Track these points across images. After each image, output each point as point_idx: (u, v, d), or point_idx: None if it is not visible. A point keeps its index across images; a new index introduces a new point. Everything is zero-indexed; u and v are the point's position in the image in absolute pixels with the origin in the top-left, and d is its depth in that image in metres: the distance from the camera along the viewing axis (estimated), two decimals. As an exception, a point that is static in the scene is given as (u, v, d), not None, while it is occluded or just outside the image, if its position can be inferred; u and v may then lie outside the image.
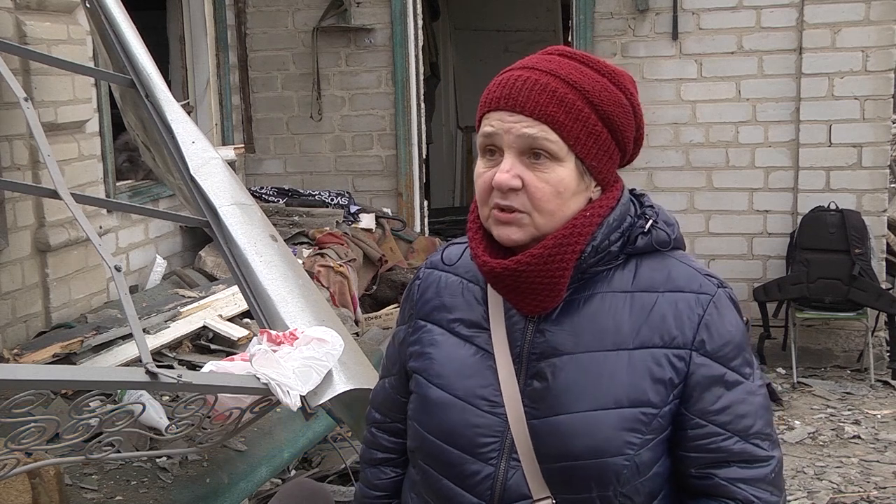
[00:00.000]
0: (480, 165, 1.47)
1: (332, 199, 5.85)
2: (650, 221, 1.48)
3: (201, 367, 2.58)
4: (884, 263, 5.66)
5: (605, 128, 1.43)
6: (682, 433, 1.43)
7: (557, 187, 1.41)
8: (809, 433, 4.74)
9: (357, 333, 4.45)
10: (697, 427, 1.42)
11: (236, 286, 2.97)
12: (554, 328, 1.46)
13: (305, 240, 5.28)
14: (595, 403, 1.41)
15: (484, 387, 1.48)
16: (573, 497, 1.43)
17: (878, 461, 4.39)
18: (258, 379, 2.12)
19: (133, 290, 4.57)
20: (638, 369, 1.41)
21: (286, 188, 6.04)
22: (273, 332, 2.22)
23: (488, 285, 1.52)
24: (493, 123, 1.43)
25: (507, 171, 1.41)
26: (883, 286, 5.49)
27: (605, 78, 1.45)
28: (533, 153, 1.41)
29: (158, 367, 2.03)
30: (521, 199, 1.42)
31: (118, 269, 2.27)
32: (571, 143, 1.41)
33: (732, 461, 1.42)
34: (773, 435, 1.46)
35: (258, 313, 2.57)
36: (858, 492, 4.06)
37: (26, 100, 2.74)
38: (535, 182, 1.41)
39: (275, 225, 3.24)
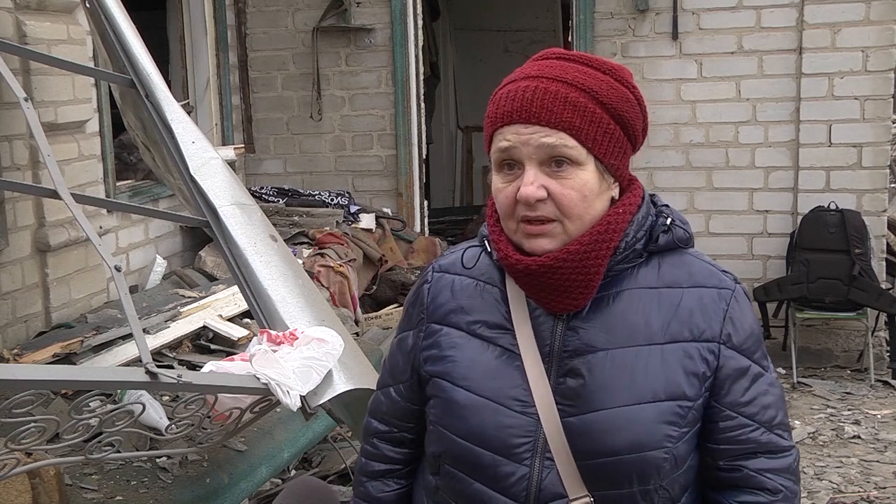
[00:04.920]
0: (498, 181, 1.46)
1: (332, 199, 5.85)
2: (669, 219, 1.50)
3: (201, 367, 2.58)
4: (884, 263, 5.65)
5: (618, 125, 1.45)
6: (713, 425, 1.46)
7: (583, 191, 1.42)
8: (809, 433, 4.74)
9: (357, 333, 4.45)
10: (728, 419, 1.45)
11: (236, 286, 2.97)
12: (586, 325, 1.46)
13: (305, 240, 5.28)
14: (633, 398, 1.42)
15: (513, 387, 1.47)
16: (613, 493, 1.43)
17: (878, 461, 4.39)
18: (258, 379, 2.12)
19: (133, 290, 4.57)
20: (671, 363, 1.43)
21: (286, 188, 6.04)
22: (273, 332, 2.22)
23: (508, 286, 1.51)
24: (509, 137, 1.42)
25: (531, 182, 1.41)
26: (883, 286, 5.49)
27: (608, 76, 1.46)
28: (554, 161, 1.41)
29: (158, 367, 2.03)
30: (549, 208, 1.42)
31: (118, 269, 2.27)
32: (590, 146, 1.42)
33: (760, 452, 1.46)
34: (789, 427, 1.51)
35: (258, 313, 2.57)
36: (858, 492, 4.06)
37: (26, 100, 2.74)
38: (561, 190, 1.41)
39: (275, 225, 3.24)
